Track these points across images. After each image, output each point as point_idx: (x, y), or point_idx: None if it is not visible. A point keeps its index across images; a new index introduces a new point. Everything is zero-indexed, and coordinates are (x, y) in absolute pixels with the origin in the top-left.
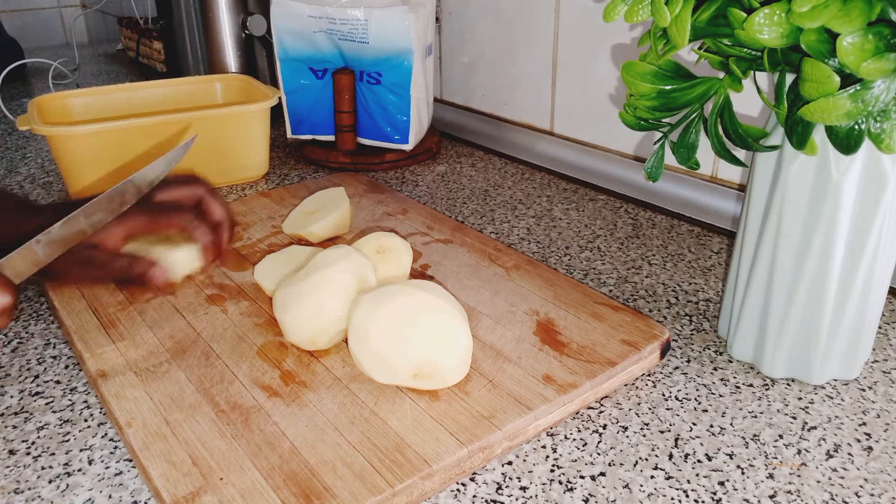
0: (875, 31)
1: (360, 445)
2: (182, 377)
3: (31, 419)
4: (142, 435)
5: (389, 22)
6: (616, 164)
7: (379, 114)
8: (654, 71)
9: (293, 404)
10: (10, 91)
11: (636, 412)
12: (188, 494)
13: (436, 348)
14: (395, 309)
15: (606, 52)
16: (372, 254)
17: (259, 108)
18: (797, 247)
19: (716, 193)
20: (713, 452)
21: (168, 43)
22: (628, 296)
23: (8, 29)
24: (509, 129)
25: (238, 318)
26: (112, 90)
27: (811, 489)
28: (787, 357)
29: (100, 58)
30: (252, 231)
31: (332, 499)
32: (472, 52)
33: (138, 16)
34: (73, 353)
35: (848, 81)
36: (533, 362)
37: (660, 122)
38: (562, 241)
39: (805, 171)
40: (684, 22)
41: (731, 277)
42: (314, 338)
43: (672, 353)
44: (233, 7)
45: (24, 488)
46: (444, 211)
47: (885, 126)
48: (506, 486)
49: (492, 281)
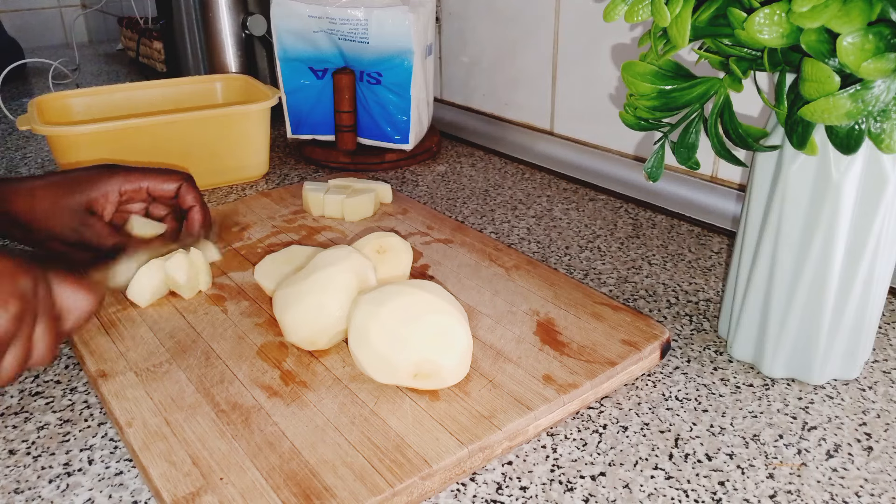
0: (875, 31)
1: (360, 445)
2: (182, 377)
3: (32, 419)
4: (142, 435)
5: (389, 22)
6: (616, 164)
7: (379, 114)
8: (654, 71)
9: (293, 404)
10: (10, 91)
11: (636, 412)
12: (188, 494)
13: (436, 348)
14: (395, 309)
15: (606, 52)
16: (372, 254)
17: (259, 108)
18: (797, 247)
19: (716, 193)
20: (713, 452)
21: (168, 43)
22: (628, 296)
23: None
24: (509, 129)
25: (238, 318)
26: (112, 90)
27: (811, 489)
28: (788, 357)
29: (100, 58)
30: (252, 231)
31: (332, 499)
32: (472, 52)
33: (138, 16)
34: (73, 353)
35: (848, 81)
36: (533, 362)
37: (660, 122)
38: (562, 241)
39: (805, 171)
40: (684, 22)
41: (731, 277)
42: (314, 338)
43: (672, 353)
44: (233, 7)
45: (25, 488)
46: (444, 211)
47: (885, 126)
48: (506, 486)
49: (492, 281)
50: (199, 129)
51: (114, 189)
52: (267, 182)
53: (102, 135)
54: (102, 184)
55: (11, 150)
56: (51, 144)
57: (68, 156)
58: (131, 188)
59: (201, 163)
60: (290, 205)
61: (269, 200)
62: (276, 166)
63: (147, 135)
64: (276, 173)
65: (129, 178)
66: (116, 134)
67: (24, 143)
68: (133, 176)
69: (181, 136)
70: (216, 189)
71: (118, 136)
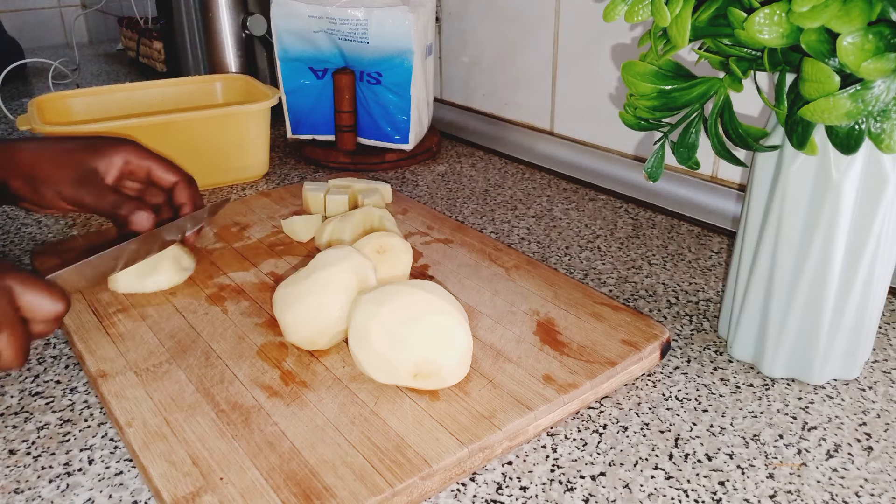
0: (875, 31)
1: (360, 445)
2: (182, 377)
3: (32, 419)
4: (142, 435)
5: (389, 22)
6: (616, 164)
7: (379, 114)
8: (654, 71)
9: (293, 404)
10: (10, 91)
11: (636, 412)
12: (188, 494)
13: (436, 348)
14: (395, 309)
15: (606, 52)
16: (372, 254)
17: (259, 108)
18: (797, 247)
19: (716, 193)
20: (713, 452)
21: (168, 43)
22: (628, 296)
23: (8, 29)
24: (509, 129)
25: (238, 318)
26: (112, 90)
27: (811, 489)
28: (788, 357)
29: (100, 58)
30: (252, 231)
31: (332, 499)
32: (472, 52)
33: (138, 16)
34: (73, 353)
35: (848, 81)
36: (533, 362)
37: (660, 122)
38: (562, 241)
39: (805, 171)
40: (684, 22)
41: (731, 277)
42: (314, 338)
43: (672, 353)
44: (233, 7)
45: (25, 488)
46: (444, 211)
47: (885, 126)
48: (506, 486)
49: (492, 281)
50: (199, 129)
51: (121, 157)
52: (267, 182)
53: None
54: (112, 149)
55: None
56: None
57: None
58: (136, 162)
59: (201, 163)
60: (290, 205)
61: (269, 200)
62: (276, 166)
63: (147, 135)
64: (276, 173)
65: (139, 153)
66: (116, 134)
67: None
68: (142, 153)
69: (181, 136)
70: (216, 189)
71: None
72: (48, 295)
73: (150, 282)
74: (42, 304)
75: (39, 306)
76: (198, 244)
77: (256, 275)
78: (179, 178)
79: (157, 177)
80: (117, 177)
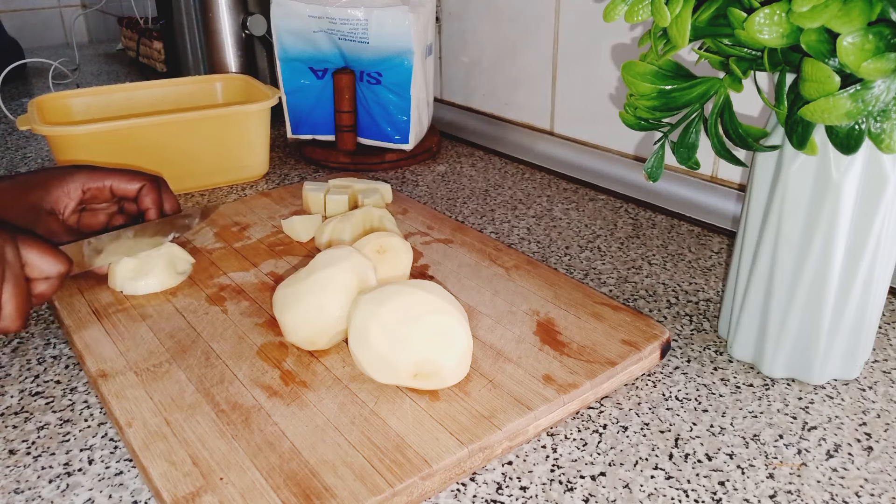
0: (875, 31)
1: (360, 445)
2: (182, 377)
3: (32, 419)
4: (142, 435)
5: (389, 22)
6: (616, 164)
7: (379, 114)
8: (654, 71)
9: (293, 404)
10: (10, 91)
11: (636, 412)
12: (188, 494)
13: (436, 348)
14: (395, 309)
15: (606, 52)
16: (372, 254)
17: (259, 108)
18: (797, 247)
19: (716, 193)
20: (713, 452)
21: (168, 43)
22: (628, 296)
23: (8, 29)
24: (509, 129)
25: (238, 318)
26: (112, 90)
27: (811, 489)
28: (788, 357)
29: (100, 58)
30: (252, 231)
31: (332, 499)
32: (472, 52)
33: (138, 16)
34: (73, 353)
35: (848, 81)
36: (533, 362)
37: (660, 122)
38: (562, 241)
39: (805, 171)
40: (684, 22)
41: (731, 277)
42: (314, 338)
43: (672, 353)
44: (233, 7)
45: (25, 488)
46: (444, 211)
47: (885, 126)
48: (506, 486)
49: (492, 281)
50: (200, 129)
51: (76, 186)
52: (267, 182)
53: (102, 135)
54: (65, 182)
55: (11, 150)
56: (51, 144)
57: (68, 156)
58: (94, 186)
59: (201, 163)
60: (290, 205)
61: (269, 200)
62: (276, 166)
63: (147, 135)
64: (276, 173)
65: (93, 177)
66: (116, 134)
67: (24, 143)
68: (97, 174)
69: (181, 136)
70: (216, 189)
71: (118, 136)
72: (51, 253)
73: (142, 284)
74: (45, 261)
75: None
76: (198, 244)
77: (256, 275)
78: (142, 182)
79: (121, 190)
80: (77, 207)
